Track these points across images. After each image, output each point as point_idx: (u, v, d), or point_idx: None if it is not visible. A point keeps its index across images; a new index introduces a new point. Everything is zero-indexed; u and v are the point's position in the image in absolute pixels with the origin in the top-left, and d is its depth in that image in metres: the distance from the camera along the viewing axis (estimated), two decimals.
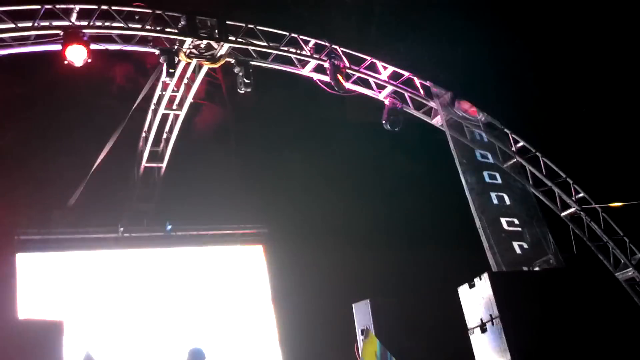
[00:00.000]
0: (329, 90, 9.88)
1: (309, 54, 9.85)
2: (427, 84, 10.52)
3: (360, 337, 8.40)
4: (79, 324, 9.00)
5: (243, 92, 9.62)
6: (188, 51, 9.07)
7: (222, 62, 9.36)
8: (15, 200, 9.20)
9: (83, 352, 5.45)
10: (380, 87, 10.46)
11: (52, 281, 9.66)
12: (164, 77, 10.05)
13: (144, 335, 9.84)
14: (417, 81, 10.53)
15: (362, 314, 8.60)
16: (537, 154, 10.52)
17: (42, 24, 8.04)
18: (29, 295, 9.32)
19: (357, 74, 10.26)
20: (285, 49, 9.72)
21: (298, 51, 9.81)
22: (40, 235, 9.85)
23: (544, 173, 10.49)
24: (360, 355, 7.50)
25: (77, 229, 10.18)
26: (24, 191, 9.38)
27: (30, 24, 7.96)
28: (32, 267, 9.66)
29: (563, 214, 10.49)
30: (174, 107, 10.67)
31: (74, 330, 7.69)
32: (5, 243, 9.35)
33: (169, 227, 10.67)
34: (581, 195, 10.42)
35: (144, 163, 11.10)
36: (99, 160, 10.47)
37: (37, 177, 9.58)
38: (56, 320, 6.60)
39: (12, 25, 7.85)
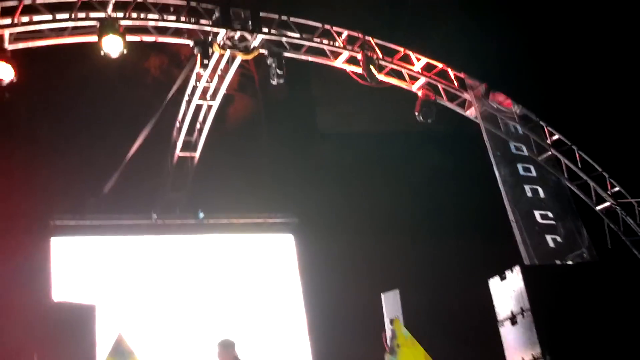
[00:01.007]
0: (362, 82, 9.87)
1: (341, 45, 9.86)
2: (461, 75, 10.44)
3: (388, 327, 8.39)
4: (112, 308, 9.14)
5: (275, 83, 9.68)
6: (222, 43, 9.17)
7: (255, 53, 9.44)
8: (51, 187, 9.41)
9: (115, 336, 5.54)
10: (414, 79, 10.41)
11: (85, 265, 9.83)
12: (197, 69, 10.19)
13: (175, 321, 9.96)
14: (451, 73, 10.45)
15: (391, 303, 8.59)
16: (573, 147, 10.38)
17: (79, 15, 8.20)
18: (63, 278, 9.51)
19: (390, 66, 10.23)
20: (318, 40, 9.76)
21: (331, 42, 9.83)
22: (75, 221, 10.03)
23: (580, 166, 10.35)
24: (388, 344, 7.50)
25: (111, 215, 10.35)
26: (61, 178, 9.58)
27: (67, 16, 8.13)
28: (66, 252, 9.85)
29: (598, 207, 10.33)
30: (207, 98, 10.80)
31: (106, 314, 7.80)
32: (40, 227, 9.56)
33: (201, 215, 10.78)
34: (617, 189, 10.25)
35: (177, 152, 11.25)
36: (133, 150, 10.65)
37: (73, 165, 9.78)
38: (89, 304, 6.72)
39: (50, 17, 8.02)
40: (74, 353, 6.12)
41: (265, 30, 9.31)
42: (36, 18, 7.98)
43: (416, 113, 10.29)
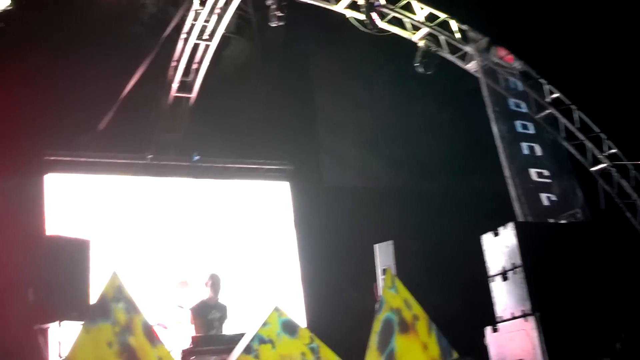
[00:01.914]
0: (363, 29, 9.70)
1: None
2: (464, 27, 10.28)
3: (380, 277, 8.47)
4: (105, 245, 9.12)
5: (275, 25, 9.49)
6: None
7: None
8: (45, 122, 9.25)
9: (110, 271, 5.52)
10: (416, 28, 10.24)
11: (79, 202, 9.77)
12: (195, 6, 9.98)
13: (167, 259, 9.99)
14: (454, 24, 10.28)
15: (384, 254, 8.64)
16: (572, 106, 10.34)
17: None
18: (56, 215, 9.46)
19: (392, 13, 10.04)
20: None
21: None
22: (69, 157, 9.92)
23: (577, 126, 10.33)
24: (379, 294, 7.56)
25: (105, 153, 10.23)
26: (54, 114, 9.41)
27: None
28: (60, 189, 9.76)
29: (593, 168, 10.36)
30: (205, 37, 10.61)
31: (100, 250, 7.78)
32: (34, 163, 9.44)
33: (196, 157, 10.68)
34: (613, 151, 10.26)
35: (173, 93, 11.09)
36: (128, 87, 10.47)
37: (66, 100, 9.59)
38: (83, 239, 6.67)
39: None
40: (69, 288, 6.10)
41: None
42: None
43: (416, 64, 10.15)
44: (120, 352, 5.28)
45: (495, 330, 7.38)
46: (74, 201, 9.72)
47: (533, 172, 9.27)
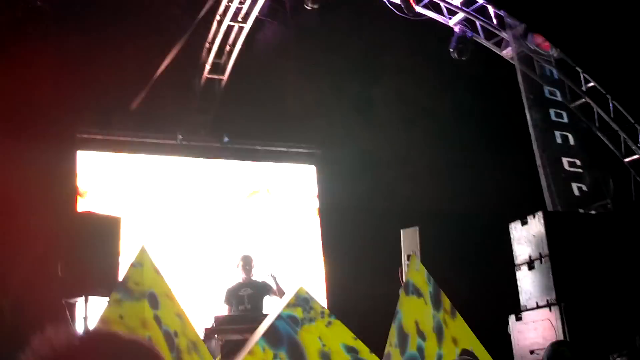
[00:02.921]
0: (398, 13, 9.63)
1: None
2: (501, 13, 10.13)
3: (405, 262, 8.46)
4: (135, 222, 9.28)
5: (310, 8, 9.48)
6: None
7: None
8: (78, 100, 9.40)
9: (137, 247, 5.61)
10: (452, 13, 10.12)
11: (110, 180, 9.95)
12: None
13: (194, 238, 10.13)
14: (491, 10, 10.14)
15: (409, 239, 8.61)
16: (607, 95, 10.14)
17: None
18: (88, 192, 9.65)
19: None
20: None
21: None
22: (101, 136, 10.10)
23: (612, 116, 10.13)
24: (404, 279, 7.56)
25: (136, 132, 10.39)
26: (87, 92, 9.55)
27: None
28: (91, 165, 9.95)
29: (626, 160, 10.17)
30: (239, 19, 10.64)
31: (130, 228, 7.93)
32: (66, 139, 9.62)
33: (226, 139, 10.78)
34: None
35: (205, 74, 11.17)
36: (161, 68, 10.57)
37: (100, 79, 9.70)
38: (115, 216, 6.77)
39: None
40: (98, 264, 6.20)
41: None
42: None
43: (451, 49, 10.06)
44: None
45: (518, 318, 7.36)
46: (105, 178, 9.90)
47: (565, 161, 9.13)
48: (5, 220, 7.67)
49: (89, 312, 6.02)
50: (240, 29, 10.87)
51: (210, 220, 10.41)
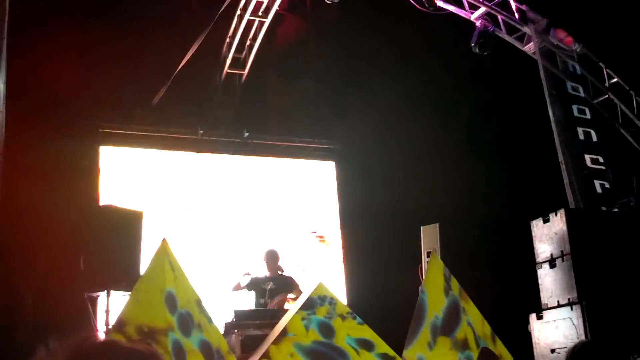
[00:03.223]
0: (419, 7, 9.56)
1: None
2: (523, 7, 10.02)
3: (425, 260, 8.45)
4: (156, 216, 9.34)
5: (330, 2, 9.46)
6: None
7: None
8: (101, 94, 9.47)
9: (158, 241, 5.64)
10: (473, 8, 10.03)
11: (132, 175, 10.02)
12: None
13: (215, 231, 10.18)
14: (513, 4, 10.04)
15: (429, 237, 8.60)
16: (631, 92, 10.00)
17: None
18: (109, 186, 9.73)
19: None
20: None
21: None
22: (123, 131, 10.17)
23: (635, 113, 10.00)
24: (424, 277, 7.53)
25: (157, 127, 10.45)
26: (109, 87, 9.62)
27: None
28: (114, 160, 10.03)
29: None
30: (259, 14, 10.65)
31: (151, 222, 7.98)
32: (89, 134, 9.71)
33: (246, 134, 10.82)
34: None
35: (226, 69, 11.20)
36: (182, 63, 10.61)
37: (122, 74, 9.78)
38: (137, 210, 6.81)
39: None
40: (120, 258, 6.26)
41: None
42: None
43: (472, 44, 9.96)
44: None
45: (539, 317, 7.30)
46: (127, 173, 9.97)
47: (588, 158, 9.01)
48: (29, 214, 7.76)
49: (111, 306, 6.08)
50: (261, 23, 10.88)
51: (231, 215, 10.45)
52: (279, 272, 8.11)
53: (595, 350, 3.69)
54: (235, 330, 6.57)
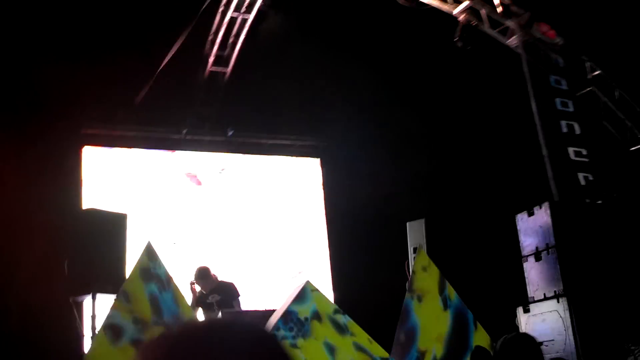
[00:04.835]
0: (401, 2, 9.55)
1: None
2: (506, 1, 10.02)
3: (412, 255, 8.45)
4: (141, 217, 9.28)
5: None
6: None
7: None
8: (82, 95, 9.38)
9: (143, 244, 5.61)
10: (456, 2, 10.02)
11: (116, 176, 9.94)
12: None
13: (199, 232, 10.13)
14: None
15: (415, 232, 8.60)
16: (613, 84, 10.06)
17: None
18: (93, 188, 9.64)
19: None
20: None
21: None
22: (106, 131, 10.09)
23: (618, 105, 10.05)
24: (411, 272, 7.55)
25: (141, 127, 10.37)
26: (91, 87, 9.53)
27: None
28: (96, 161, 9.94)
29: (632, 148, 10.09)
30: (242, 10, 10.59)
31: (136, 224, 7.91)
32: (71, 136, 9.62)
33: (231, 132, 10.77)
34: None
35: (209, 67, 11.13)
36: (165, 62, 10.53)
37: (103, 73, 9.69)
38: (121, 213, 6.74)
39: None
40: (104, 261, 6.19)
41: None
42: None
43: (455, 39, 9.96)
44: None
45: (526, 310, 7.34)
46: (111, 175, 9.89)
47: (571, 151, 9.05)
48: (11, 218, 7.67)
49: (97, 310, 6.02)
50: (244, 20, 10.81)
51: (215, 214, 10.40)
52: (219, 280, 7.92)
53: (519, 344, 3.74)
54: None
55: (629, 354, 5.07)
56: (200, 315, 7.61)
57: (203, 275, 7.83)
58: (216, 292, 7.65)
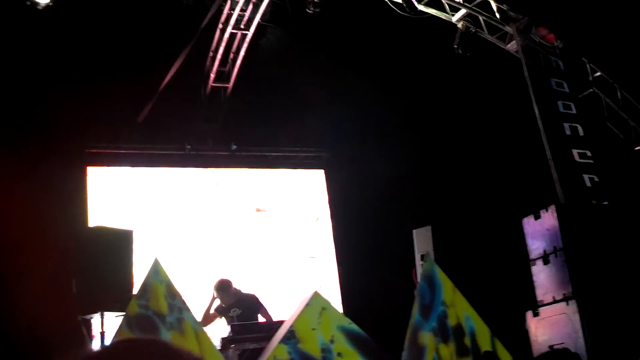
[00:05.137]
0: (400, 12, 9.59)
1: None
2: (504, 7, 10.06)
3: (419, 263, 8.43)
4: (147, 234, 9.30)
5: (312, 12, 9.48)
6: None
7: None
8: (86, 114, 9.44)
9: (152, 260, 5.62)
10: (454, 10, 10.07)
11: (121, 194, 9.97)
12: None
13: (206, 248, 10.13)
14: (493, 4, 10.08)
15: (422, 239, 8.59)
16: (615, 84, 10.06)
17: None
18: (99, 206, 9.67)
19: None
20: None
21: None
22: (110, 150, 10.14)
23: (620, 105, 10.06)
24: (419, 280, 7.52)
25: (144, 145, 10.42)
26: (94, 106, 9.60)
27: None
28: (101, 180, 9.98)
29: (637, 147, 10.08)
30: (241, 27, 10.66)
31: (142, 240, 7.93)
32: (76, 156, 9.66)
33: (234, 147, 10.81)
34: None
35: (210, 83, 11.19)
36: (167, 79, 10.60)
37: (106, 93, 9.76)
38: (127, 230, 6.76)
39: None
40: (112, 279, 6.20)
41: None
42: None
43: (455, 46, 10.00)
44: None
45: (536, 314, 7.30)
46: (116, 193, 9.92)
47: (575, 153, 9.04)
48: (18, 238, 7.71)
49: (106, 328, 6.03)
50: (244, 36, 10.89)
51: (222, 229, 10.42)
52: (241, 293, 7.95)
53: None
54: (232, 345, 6.54)
55: None
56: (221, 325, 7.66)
57: (222, 287, 7.86)
58: (237, 306, 7.65)
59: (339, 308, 9.75)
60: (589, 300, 6.76)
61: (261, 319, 7.74)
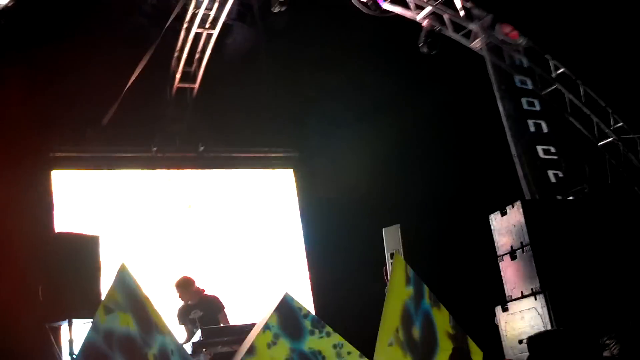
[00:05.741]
0: (365, 11, 9.62)
1: None
2: (468, 5, 10.15)
3: (389, 261, 8.49)
4: (114, 239, 9.18)
5: (277, 11, 9.45)
6: None
7: None
8: (49, 117, 9.28)
9: (118, 265, 5.55)
10: (419, 8, 10.11)
11: (87, 198, 9.83)
12: None
13: (175, 251, 10.06)
14: (458, 2, 10.15)
15: (392, 238, 8.65)
16: (578, 81, 10.23)
17: None
18: (64, 211, 9.52)
19: None
20: None
21: None
22: (75, 153, 9.99)
23: (583, 101, 10.23)
24: (389, 278, 7.58)
25: (110, 147, 10.28)
26: (58, 108, 9.44)
27: None
28: (67, 184, 9.82)
29: (600, 143, 10.28)
30: (207, 26, 10.58)
31: (109, 245, 7.82)
32: (40, 159, 9.50)
33: (202, 148, 10.74)
34: (620, 124, 10.17)
35: (176, 84, 11.08)
36: (131, 80, 10.46)
37: (69, 94, 9.61)
38: (93, 235, 6.66)
39: None
40: (79, 285, 6.10)
41: None
42: None
43: (420, 44, 10.04)
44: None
45: (505, 309, 7.40)
46: (82, 197, 9.78)
47: (540, 149, 9.16)
48: None
49: (74, 335, 5.93)
50: (209, 35, 10.79)
51: (189, 229, 10.34)
52: (203, 294, 7.78)
53: (553, 338, 3.75)
54: (204, 349, 6.49)
55: (605, 347, 5.12)
56: (183, 332, 7.53)
57: (183, 284, 7.73)
58: (199, 307, 7.52)
59: (311, 307, 9.77)
60: (557, 294, 6.88)
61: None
